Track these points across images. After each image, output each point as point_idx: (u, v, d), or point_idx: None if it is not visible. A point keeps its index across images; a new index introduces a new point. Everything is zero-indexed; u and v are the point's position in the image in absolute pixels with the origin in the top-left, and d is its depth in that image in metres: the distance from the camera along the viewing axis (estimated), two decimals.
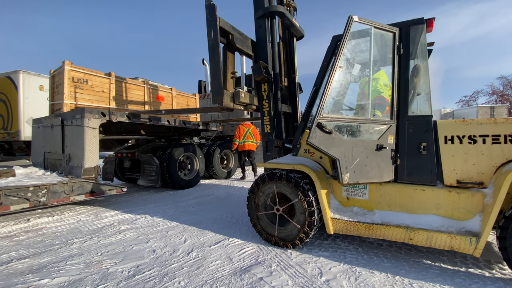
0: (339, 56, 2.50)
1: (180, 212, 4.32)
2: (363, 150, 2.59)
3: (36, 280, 2.29)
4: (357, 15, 2.53)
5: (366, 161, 2.59)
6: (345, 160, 2.53)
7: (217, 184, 6.95)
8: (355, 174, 2.56)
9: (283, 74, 4.00)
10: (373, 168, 2.61)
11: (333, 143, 2.52)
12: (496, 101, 28.20)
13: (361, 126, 2.65)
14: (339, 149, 2.52)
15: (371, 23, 2.58)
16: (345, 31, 2.50)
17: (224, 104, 3.30)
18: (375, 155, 2.60)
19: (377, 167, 2.61)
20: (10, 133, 7.83)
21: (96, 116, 4.43)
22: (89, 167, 4.29)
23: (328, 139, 2.51)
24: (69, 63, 4.79)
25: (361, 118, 2.68)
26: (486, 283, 2.15)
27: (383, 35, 2.70)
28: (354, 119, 2.69)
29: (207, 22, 3.23)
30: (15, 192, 3.57)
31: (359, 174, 2.57)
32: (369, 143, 2.61)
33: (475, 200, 2.31)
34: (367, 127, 2.65)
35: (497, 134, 2.26)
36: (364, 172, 2.59)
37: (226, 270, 2.43)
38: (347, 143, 2.57)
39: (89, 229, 3.58)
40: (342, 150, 2.53)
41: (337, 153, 2.51)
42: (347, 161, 2.53)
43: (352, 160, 2.54)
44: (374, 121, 2.65)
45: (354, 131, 2.65)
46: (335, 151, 2.51)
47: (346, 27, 2.50)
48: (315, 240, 3.04)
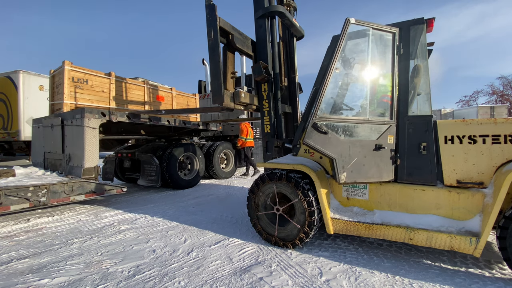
0: (335, 58, 2.55)
1: (180, 212, 4.32)
2: (361, 150, 2.60)
3: (36, 280, 2.29)
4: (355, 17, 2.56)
5: (364, 160, 2.60)
6: (342, 160, 2.56)
7: (217, 184, 6.96)
8: (352, 174, 2.58)
9: (283, 74, 4.00)
10: (372, 168, 2.61)
11: (330, 143, 2.56)
12: (496, 101, 28.20)
13: (359, 126, 2.66)
14: (335, 149, 2.56)
15: (369, 24, 2.59)
16: (342, 33, 2.54)
17: (224, 104, 3.31)
18: (374, 155, 2.61)
19: (376, 166, 2.62)
20: (10, 133, 7.84)
21: (96, 116, 4.43)
22: (89, 167, 4.29)
23: (325, 139, 2.55)
24: (69, 63, 4.79)
25: (359, 119, 2.68)
26: (486, 283, 2.15)
27: (382, 35, 2.71)
28: (351, 119, 2.69)
29: (207, 22, 3.23)
30: (15, 192, 3.57)
31: (357, 173, 2.59)
32: (367, 143, 2.62)
33: (475, 200, 2.32)
34: (364, 127, 2.65)
35: (497, 134, 2.26)
36: (362, 171, 2.60)
37: (226, 270, 2.43)
38: (344, 143, 2.59)
39: (89, 229, 3.58)
40: (339, 150, 2.57)
41: (334, 152, 2.56)
42: (344, 161, 2.56)
43: (349, 159, 2.57)
44: (372, 121, 2.65)
45: (351, 131, 2.66)
46: (332, 151, 2.56)
47: (343, 29, 2.54)
48: (315, 240, 3.04)
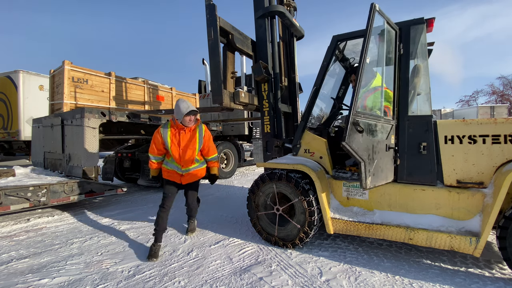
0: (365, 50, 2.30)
1: (180, 212, 4.32)
2: (379, 151, 2.45)
3: (36, 280, 2.29)
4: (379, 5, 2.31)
5: (380, 162, 2.45)
6: (368, 162, 2.32)
7: (217, 184, 6.95)
8: (374, 177, 2.38)
9: (283, 74, 4.00)
10: (384, 169, 2.50)
11: (360, 144, 2.29)
12: (496, 101, 28.19)
13: (378, 125, 2.49)
14: (364, 151, 2.31)
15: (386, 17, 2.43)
16: (369, 21, 2.29)
17: (224, 104, 3.30)
18: (385, 156, 2.51)
19: (385, 168, 2.53)
20: (10, 133, 7.84)
21: (96, 116, 4.43)
22: (89, 167, 4.29)
23: (358, 140, 2.27)
24: (69, 62, 4.79)
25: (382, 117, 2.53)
26: (486, 283, 2.15)
27: (389, 31, 2.60)
28: (378, 117, 2.50)
29: (207, 22, 3.23)
30: (15, 192, 3.57)
31: (376, 177, 2.41)
32: (382, 143, 2.49)
33: (475, 200, 2.31)
34: (381, 126, 2.52)
35: (497, 134, 2.26)
36: (378, 174, 2.44)
37: (226, 270, 2.43)
38: (369, 143, 2.38)
39: (89, 229, 3.58)
40: (366, 152, 2.33)
41: (364, 155, 2.29)
42: (369, 163, 2.33)
43: (372, 162, 2.36)
44: (387, 120, 2.54)
45: (372, 130, 2.46)
46: (362, 153, 2.28)
47: (370, 17, 2.29)
48: (315, 240, 3.04)
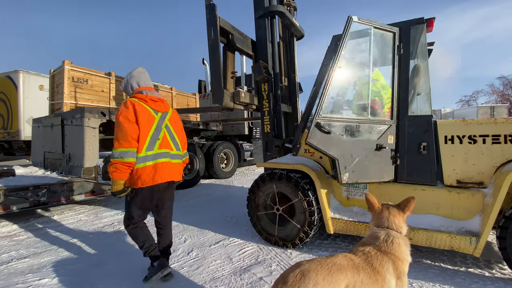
0: (338, 56, 2.53)
1: (180, 211, 4.32)
2: (363, 150, 2.59)
3: (36, 279, 2.29)
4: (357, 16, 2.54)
5: (366, 161, 2.59)
6: (344, 160, 2.53)
7: (217, 184, 6.95)
8: (354, 174, 2.56)
9: (283, 74, 4.00)
10: (373, 168, 2.61)
11: (332, 143, 2.53)
12: (496, 101, 28.20)
13: (360, 126, 2.65)
14: (338, 149, 2.53)
15: (371, 23, 2.58)
16: (345, 31, 2.52)
17: (224, 104, 3.31)
18: (375, 155, 2.60)
19: (377, 167, 2.61)
20: (10, 133, 7.83)
21: (96, 116, 4.42)
22: (89, 166, 4.28)
23: (327, 139, 2.52)
24: (69, 62, 4.79)
25: (361, 118, 2.67)
26: (486, 283, 2.15)
27: (383, 35, 2.70)
28: (354, 119, 2.69)
29: (207, 21, 3.23)
30: (15, 192, 3.57)
31: (358, 174, 2.58)
32: (368, 143, 2.61)
33: (475, 200, 2.31)
34: (366, 127, 2.65)
35: (497, 134, 2.26)
36: (363, 172, 2.59)
37: (226, 269, 2.43)
38: (346, 143, 2.57)
39: (89, 228, 3.58)
40: (341, 150, 2.53)
41: (336, 153, 2.52)
42: (346, 161, 2.53)
43: (351, 160, 2.55)
44: (374, 121, 2.65)
45: (353, 131, 2.65)
46: (334, 151, 2.52)
47: (346, 27, 2.51)
48: (315, 240, 3.04)
